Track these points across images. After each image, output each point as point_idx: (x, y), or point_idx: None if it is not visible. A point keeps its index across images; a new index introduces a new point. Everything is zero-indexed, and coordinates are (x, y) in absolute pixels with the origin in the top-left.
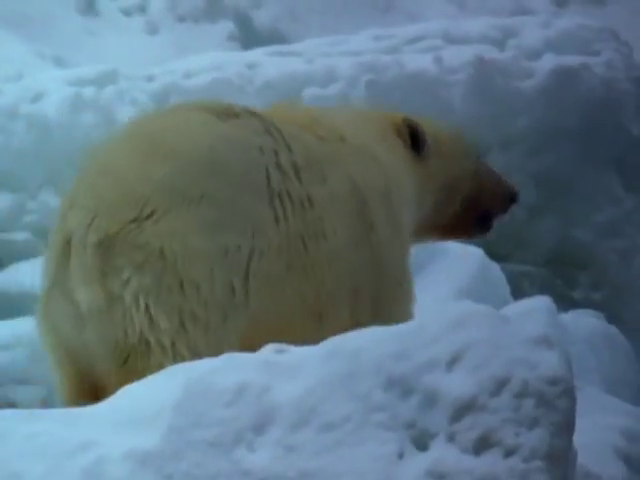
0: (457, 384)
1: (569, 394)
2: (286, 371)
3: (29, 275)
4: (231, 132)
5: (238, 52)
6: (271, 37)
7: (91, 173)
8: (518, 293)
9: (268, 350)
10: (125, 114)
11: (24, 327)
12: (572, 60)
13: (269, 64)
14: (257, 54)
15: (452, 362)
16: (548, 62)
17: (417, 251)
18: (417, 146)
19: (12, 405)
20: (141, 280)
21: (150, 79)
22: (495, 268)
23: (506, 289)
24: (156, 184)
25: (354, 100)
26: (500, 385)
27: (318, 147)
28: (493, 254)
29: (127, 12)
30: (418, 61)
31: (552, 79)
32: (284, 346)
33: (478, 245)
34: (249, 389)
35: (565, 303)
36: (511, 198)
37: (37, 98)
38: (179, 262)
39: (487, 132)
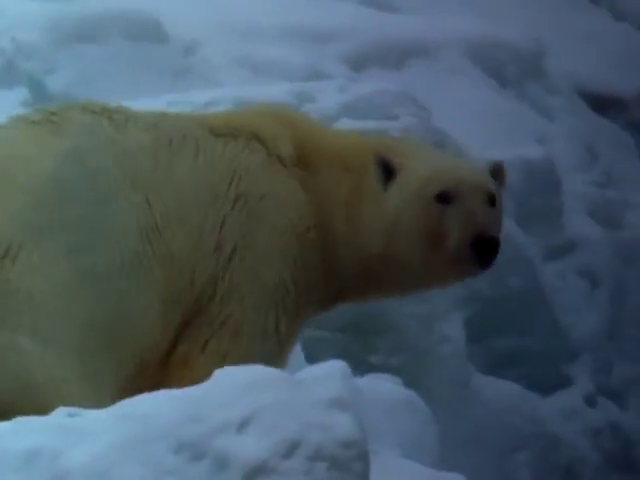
0: (248, 447)
1: (363, 457)
2: (78, 435)
3: None
4: (67, 144)
5: None
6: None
7: None
8: (313, 358)
9: (60, 413)
10: None
11: None
12: (369, 125)
13: None
14: None
15: (243, 425)
16: (345, 127)
17: None
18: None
19: None
20: (28, 319)
21: None
22: None
23: (300, 355)
24: (8, 219)
25: None
26: (292, 448)
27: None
28: None
29: None
30: None
31: None
32: (76, 409)
33: None
34: (41, 453)
35: (362, 368)
36: (472, 243)
37: None
38: (48, 297)
39: None
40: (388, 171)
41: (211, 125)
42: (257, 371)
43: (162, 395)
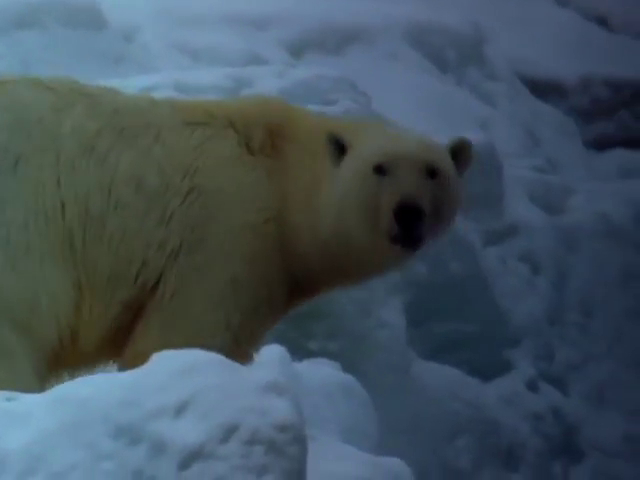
0: (185, 431)
1: (300, 441)
2: (15, 419)
3: None
4: None
5: None
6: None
7: None
8: None
9: None
10: None
11: None
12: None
13: None
14: None
15: (180, 409)
16: None
17: None
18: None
19: None
20: None
21: None
22: None
23: None
24: None
25: None
26: (229, 432)
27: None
28: None
29: None
30: None
31: None
32: (14, 394)
33: None
34: None
35: (301, 353)
36: (395, 212)
37: None
38: None
39: None
40: (340, 148)
41: (188, 113)
42: (195, 355)
43: (100, 379)
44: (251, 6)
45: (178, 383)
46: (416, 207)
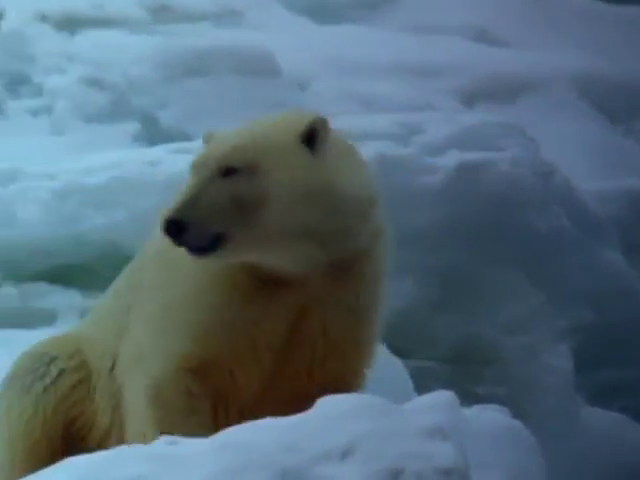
0: (351, 476)
1: None
2: (178, 463)
3: None
4: None
5: (139, 149)
6: (177, 136)
7: None
8: (422, 389)
9: (160, 442)
10: (27, 212)
11: None
12: (476, 156)
13: (171, 161)
14: (159, 151)
15: (345, 453)
16: (452, 158)
17: None
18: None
19: None
20: None
21: (52, 177)
22: (398, 364)
23: (409, 385)
24: None
25: None
26: (394, 476)
27: None
28: (396, 350)
29: (34, 113)
30: None
31: (456, 175)
32: (176, 438)
33: (381, 341)
34: None
35: (470, 399)
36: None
37: None
38: None
39: (389, 228)
40: None
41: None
42: (359, 399)
43: (263, 424)
44: (422, 55)
45: (342, 427)
46: (171, 220)
